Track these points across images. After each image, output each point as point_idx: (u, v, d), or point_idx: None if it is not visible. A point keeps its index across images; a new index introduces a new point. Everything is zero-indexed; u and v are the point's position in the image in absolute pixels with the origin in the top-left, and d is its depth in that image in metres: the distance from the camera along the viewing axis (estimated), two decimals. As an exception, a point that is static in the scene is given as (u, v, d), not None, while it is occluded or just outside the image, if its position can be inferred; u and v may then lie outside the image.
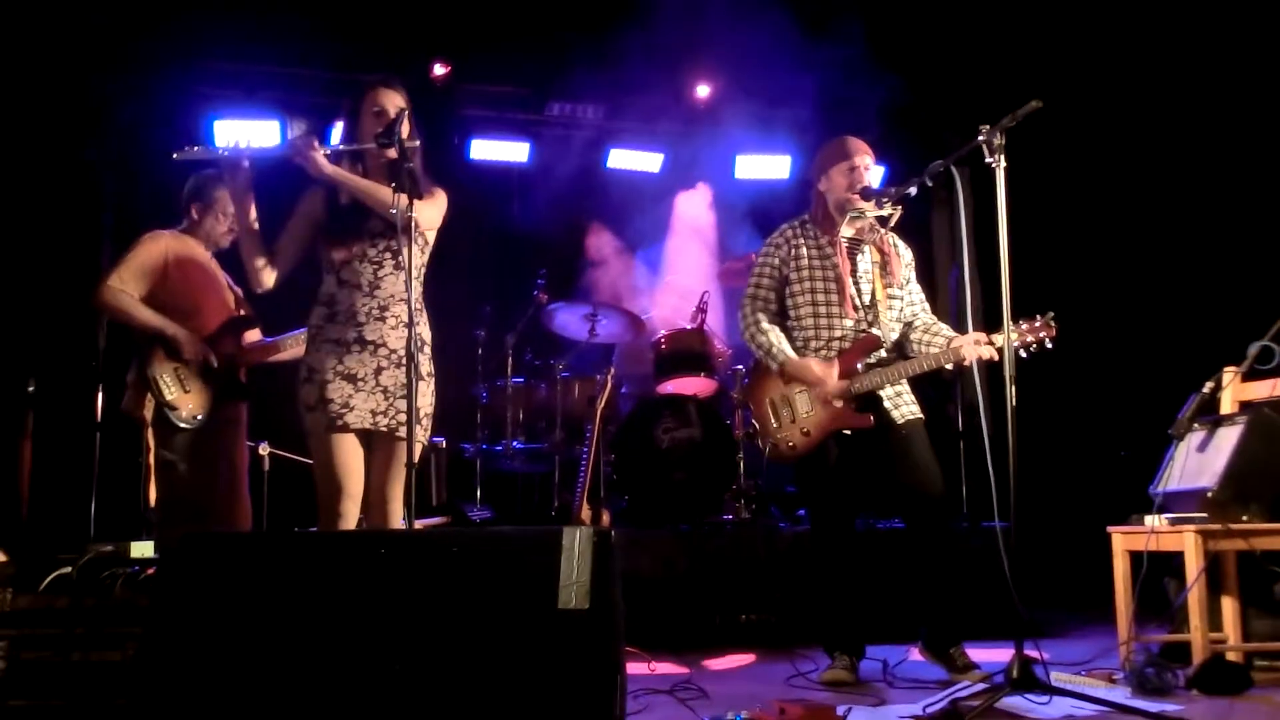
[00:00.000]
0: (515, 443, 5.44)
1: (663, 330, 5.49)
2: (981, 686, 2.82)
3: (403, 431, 2.84)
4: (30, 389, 3.98)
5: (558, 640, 1.90)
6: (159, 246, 3.60)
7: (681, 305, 5.89)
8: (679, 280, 6.15)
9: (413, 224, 2.78)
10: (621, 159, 6.87)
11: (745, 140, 6.84)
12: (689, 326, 5.48)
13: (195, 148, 2.88)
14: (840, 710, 2.62)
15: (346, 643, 1.89)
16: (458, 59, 6.44)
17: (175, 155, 2.87)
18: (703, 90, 6.83)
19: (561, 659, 1.89)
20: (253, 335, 3.80)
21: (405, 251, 2.77)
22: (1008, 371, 2.85)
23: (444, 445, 5.14)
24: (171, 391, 3.41)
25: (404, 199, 2.78)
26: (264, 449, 4.42)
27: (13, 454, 3.98)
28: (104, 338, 5.04)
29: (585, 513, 4.37)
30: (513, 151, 6.69)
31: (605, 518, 4.37)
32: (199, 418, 3.43)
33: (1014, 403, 2.80)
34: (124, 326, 3.59)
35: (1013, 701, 2.74)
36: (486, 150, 6.67)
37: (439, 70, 6.41)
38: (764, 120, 6.63)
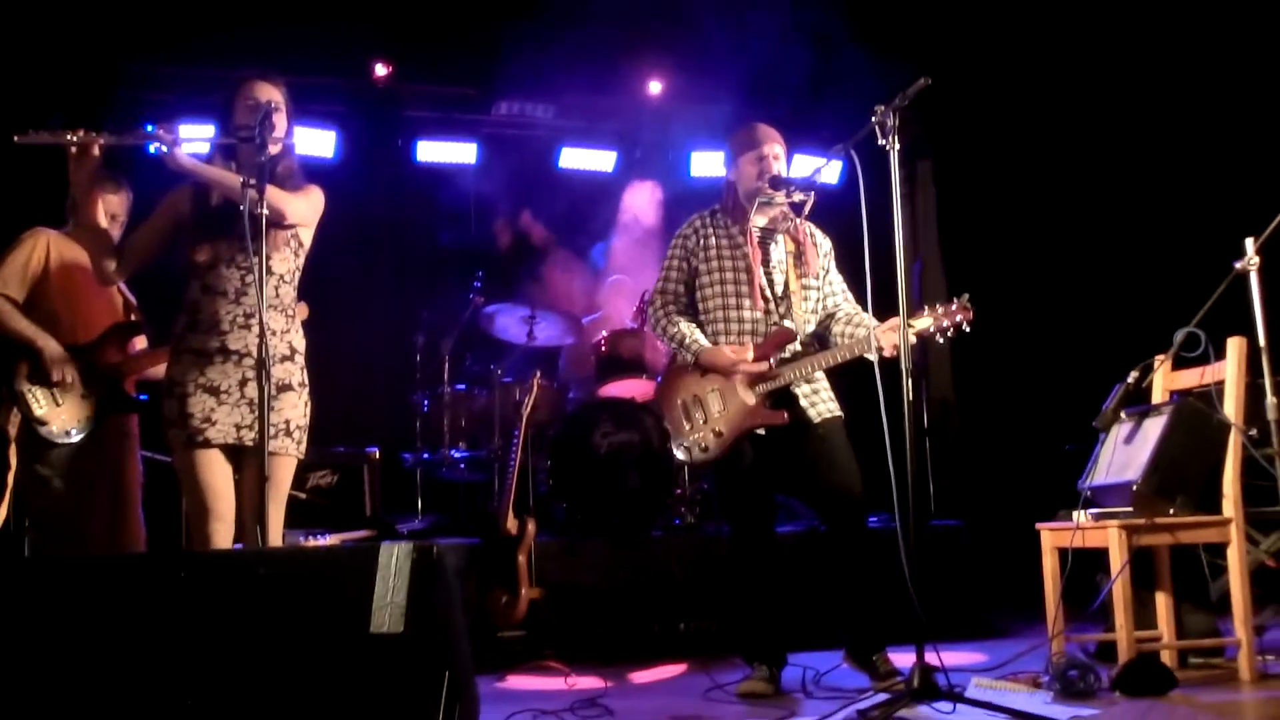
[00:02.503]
0: (454, 451, 5.29)
1: (604, 331, 5.35)
2: (883, 697, 2.67)
3: (272, 445, 2.69)
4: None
5: (369, 667, 1.75)
6: (40, 245, 3.44)
7: (631, 305, 5.75)
8: (626, 280, 6.00)
9: (262, 219, 2.62)
10: (573, 158, 6.74)
11: (699, 137, 6.71)
12: (632, 326, 5.33)
13: (41, 131, 2.69)
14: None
15: (140, 675, 1.75)
16: (400, 59, 6.31)
17: (17, 139, 2.67)
18: (655, 87, 6.69)
19: (374, 688, 1.74)
20: (141, 342, 3.66)
21: (249, 245, 2.60)
22: (904, 364, 2.70)
23: (377, 456, 4.99)
24: (41, 406, 3.25)
25: (253, 192, 2.62)
26: (180, 464, 4.26)
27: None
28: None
29: (511, 522, 4.22)
30: (460, 153, 6.55)
31: (531, 526, 4.21)
32: (71, 432, 3.27)
33: (910, 396, 2.65)
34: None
35: (917, 712, 2.59)
36: (433, 152, 6.53)
37: (380, 71, 6.28)
38: (718, 116, 6.49)
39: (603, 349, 5.24)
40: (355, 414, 5.39)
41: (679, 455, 3.41)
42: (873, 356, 3.21)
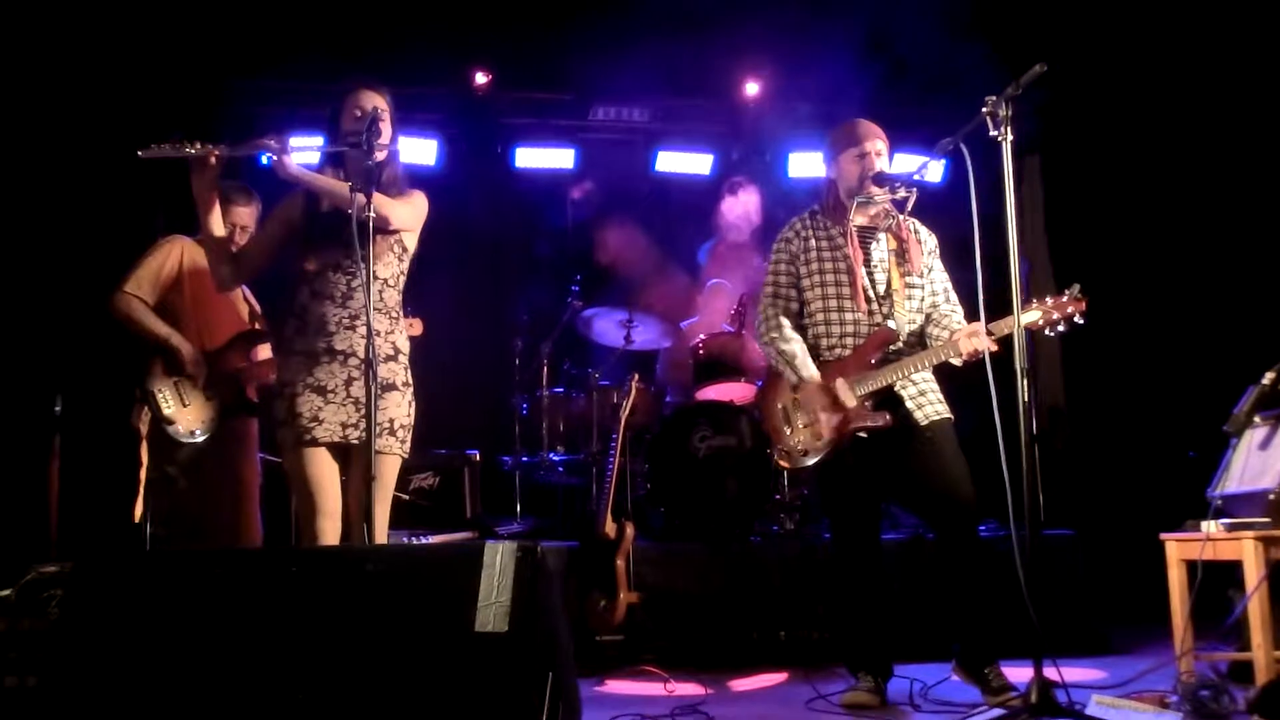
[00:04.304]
0: (551, 454, 5.31)
1: (702, 335, 5.30)
2: (999, 713, 2.55)
3: (377, 444, 2.73)
4: (57, 408, 4.03)
5: (473, 666, 1.75)
6: (175, 252, 3.60)
7: (728, 309, 5.69)
8: (725, 284, 5.94)
9: (370, 223, 2.66)
10: (669, 162, 6.69)
11: (798, 138, 6.62)
12: (729, 330, 5.28)
13: (164, 145, 2.80)
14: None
15: (251, 667, 1.78)
16: (498, 67, 6.39)
17: (141, 153, 2.79)
18: (752, 88, 6.62)
19: (478, 687, 1.74)
20: (265, 351, 3.77)
21: (356, 248, 2.63)
22: (1018, 363, 2.59)
23: (478, 458, 5.04)
24: (169, 405, 3.38)
25: (361, 197, 2.67)
26: (291, 465, 4.38)
27: (41, 474, 4.04)
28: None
29: (610, 526, 4.21)
30: (558, 158, 6.58)
31: (629, 530, 4.19)
32: (197, 433, 3.40)
33: (1025, 397, 2.54)
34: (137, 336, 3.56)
35: (1034, 730, 2.47)
36: (531, 158, 6.57)
37: (480, 79, 6.36)
38: (817, 116, 6.39)
39: (700, 352, 5.20)
40: (455, 417, 5.45)
41: (781, 461, 3.34)
42: (956, 361, 3.10)
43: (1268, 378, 3.04)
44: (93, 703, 1.85)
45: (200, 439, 3.42)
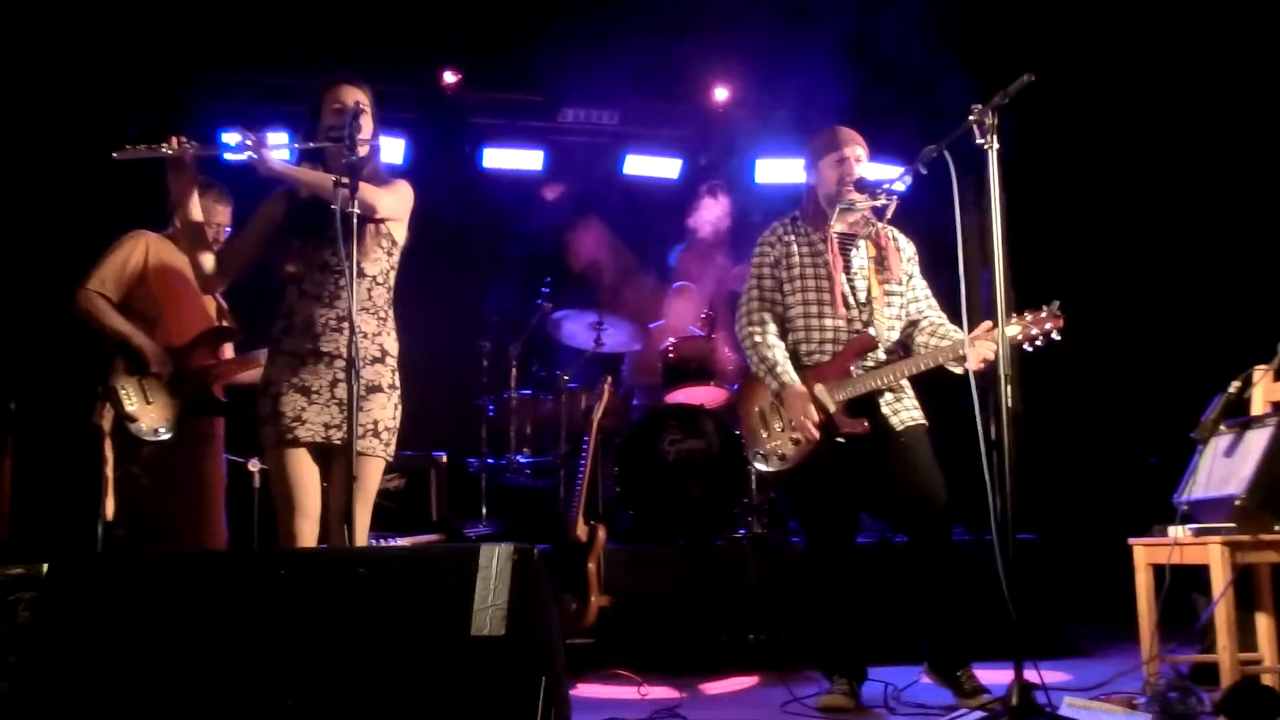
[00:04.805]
0: (519, 456, 5.28)
1: (671, 338, 5.31)
2: (980, 715, 2.58)
3: (360, 445, 2.68)
4: (11, 406, 3.91)
5: (470, 671, 1.72)
6: (139, 248, 3.51)
7: (694, 312, 5.69)
8: (691, 287, 5.95)
9: (354, 219, 2.62)
10: (638, 165, 6.70)
11: (766, 144, 6.65)
12: (698, 333, 5.29)
13: (139, 146, 2.73)
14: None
15: (238, 673, 1.74)
16: (468, 67, 6.34)
17: (115, 155, 2.72)
18: (721, 93, 6.65)
19: (473, 692, 1.72)
20: (232, 349, 3.69)
21: (341, 243, 2.58)
22: (1002, 370, 2.62)
23: (444, 460, 4.99)
24: (132, 403, 3.30)
25: (345, 192, 2.62)
26: (254, 465, 4.29)
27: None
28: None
29: (581, 528, 4.19)
30: (526, 159, 6.55)
31: (601, 533, 4.18)
32: (161, 431, 3.32)
33: (1010, 404, 2.57)
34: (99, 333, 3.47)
35: (1014, 732, 2.50)
36: (499, 159, 6.53)
37: (449, 78, 6.31)
38: (784, 123, 6.43)
39: (670, 355, 5.20)
40: (422, 419, 5.38)
41: (757, 465, 3.35)
42: (957, 369, 3.12)
43: (1234, 386, 3.11)
44: (69, 710, 1.80)
45: (164, 437, 3.34)
